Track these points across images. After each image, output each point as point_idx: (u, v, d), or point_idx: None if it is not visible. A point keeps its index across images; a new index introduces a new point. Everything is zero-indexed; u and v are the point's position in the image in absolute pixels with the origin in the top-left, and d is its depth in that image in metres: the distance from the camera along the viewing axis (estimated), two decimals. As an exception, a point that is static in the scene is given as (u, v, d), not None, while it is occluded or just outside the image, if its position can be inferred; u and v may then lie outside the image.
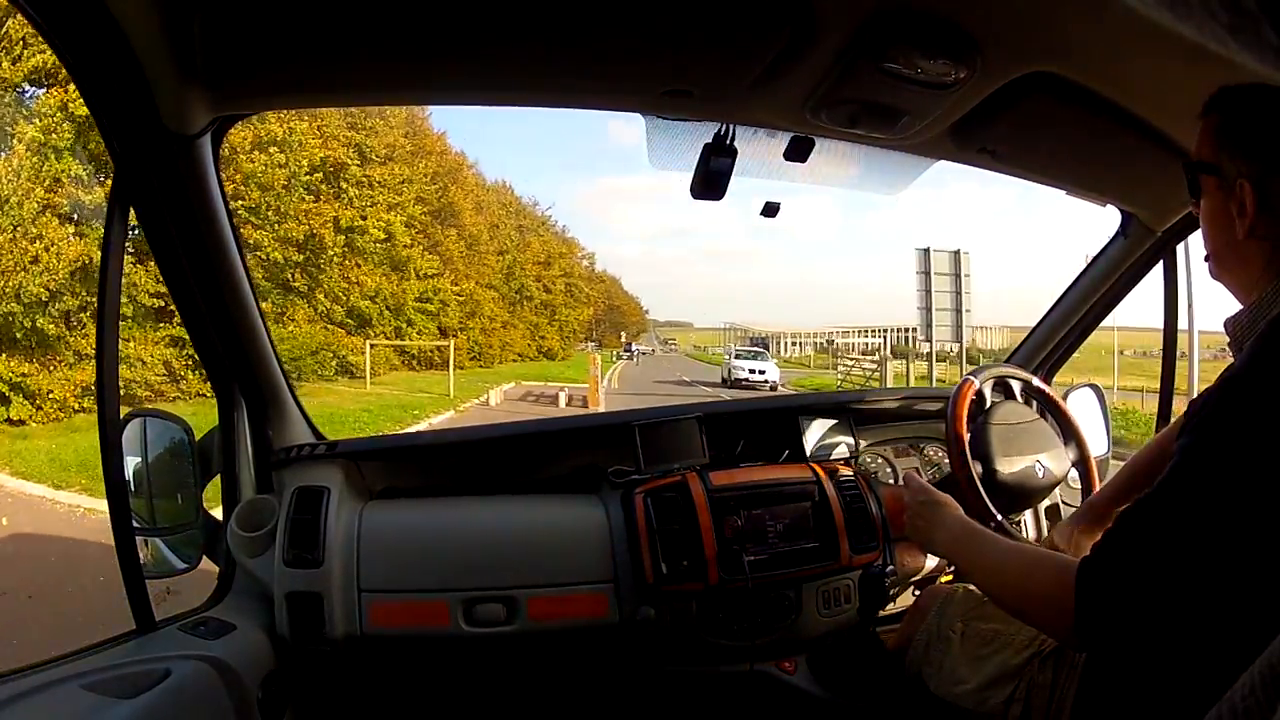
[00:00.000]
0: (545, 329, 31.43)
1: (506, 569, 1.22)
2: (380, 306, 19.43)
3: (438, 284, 21.74)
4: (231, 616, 1.12)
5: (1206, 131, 0.81)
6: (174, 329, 11.17)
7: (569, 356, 32.78)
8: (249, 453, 1.29)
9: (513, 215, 32.40)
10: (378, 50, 0.89)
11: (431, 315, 21.41)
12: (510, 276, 28.91)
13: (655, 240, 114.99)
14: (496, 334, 25.78)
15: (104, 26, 0.77)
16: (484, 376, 20.25)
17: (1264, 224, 0.76)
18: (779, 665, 1.30)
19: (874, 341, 51.00)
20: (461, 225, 24.86)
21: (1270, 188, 0.75)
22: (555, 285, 33.33)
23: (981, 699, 1.02)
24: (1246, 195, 0.76)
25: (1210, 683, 0.43)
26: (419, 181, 21.44)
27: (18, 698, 0.79)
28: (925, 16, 0.83)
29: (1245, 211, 0.76)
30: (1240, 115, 0.78)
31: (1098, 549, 0.76)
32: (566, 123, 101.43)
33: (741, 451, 1.46)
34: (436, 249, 22.40)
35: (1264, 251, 0.77)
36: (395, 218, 19.41)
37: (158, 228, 1.04)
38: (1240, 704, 0.28)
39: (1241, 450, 0.68)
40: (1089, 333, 1.66)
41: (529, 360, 28.07)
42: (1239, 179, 0.76)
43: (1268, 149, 0.76)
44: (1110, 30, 0.84)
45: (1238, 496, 0.68)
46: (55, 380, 10.27)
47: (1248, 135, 0.78)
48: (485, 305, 24.88)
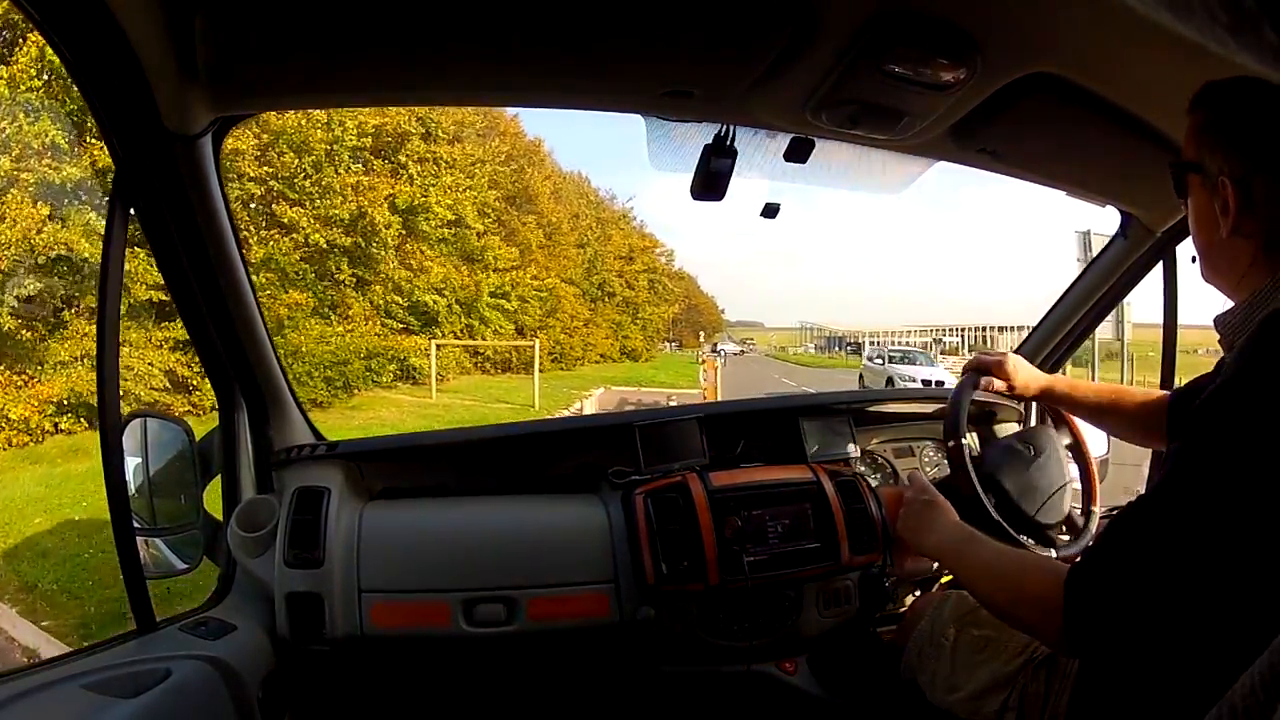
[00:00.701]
0: (629, 328, 28.80)
1: (507, 569, 1.22)
2: (449, 300, 17.09)
3: (516, 277, 19.47)
4: (232, 616, 1.12)
5: (1191, 129, 0.80)
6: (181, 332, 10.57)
7: (653, 358, 30.79)
8: (249, 453, 1.29)
9: (592, 207, 29.76)
10: (378, 50, 0.89)
11: (508, 313, 19.25)
12: (591, 271, 26.50)
13: (720, 241, 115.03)
14: (579, 333, 23.40)
15: (104, 26, 0.77)
16: (566, 380, 18.02)
17: (1248, 222, 0.75)
18: (779, 665, 1.30)
19: (952, 340, 50.80)
20: (540, 213, 22.65)
21: (1253, 184, 0.74)
22: (638, 281, 30.71)
23: (975, 707, 1.02)
24: (1229, 193, 0.75)
25: (1204, 691, 0.43)
26: (492, 163, 19.09)
27: (18, 698, 0.79)
28: (925, 17, 0.83)
29: (1228, 209, 0.75)
30: (1222, 111, 0.77)
31: (1089, 554, 0.76)
32: (622, 122, 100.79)
33: (741, 452, 1.46)
34: (513, 238, 20.33)
35: (1249, 249, 0.76)
36: (466, 201, 17.17)
37: (158, 228, 1.04)
38: (1240, 704, 0.28)
39: (1239, 454, 0.67)
40: (1089, 333, 1.66)
41: (612, 361, 25.65)
42: (1220, 176, 0.76)
43: (1248, 145, 0.75)
44: (1110, 30, 0.84)
45: (1234, 501, 0.67)
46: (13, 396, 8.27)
47: (1229, 132, 0.77)
48: (566, 302, 22.64)
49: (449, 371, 16.25)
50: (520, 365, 18.04)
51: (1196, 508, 0.69)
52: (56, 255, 8.63)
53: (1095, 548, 0.76)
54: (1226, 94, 0.77)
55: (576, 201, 27.78)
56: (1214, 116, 0.78)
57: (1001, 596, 0.87)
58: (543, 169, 23.97)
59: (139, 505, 1.14)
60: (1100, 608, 0.73)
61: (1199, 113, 0.79)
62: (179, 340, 9.89)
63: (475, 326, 18.04)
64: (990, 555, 0.91)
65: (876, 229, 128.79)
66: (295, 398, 1.35)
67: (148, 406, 8.69)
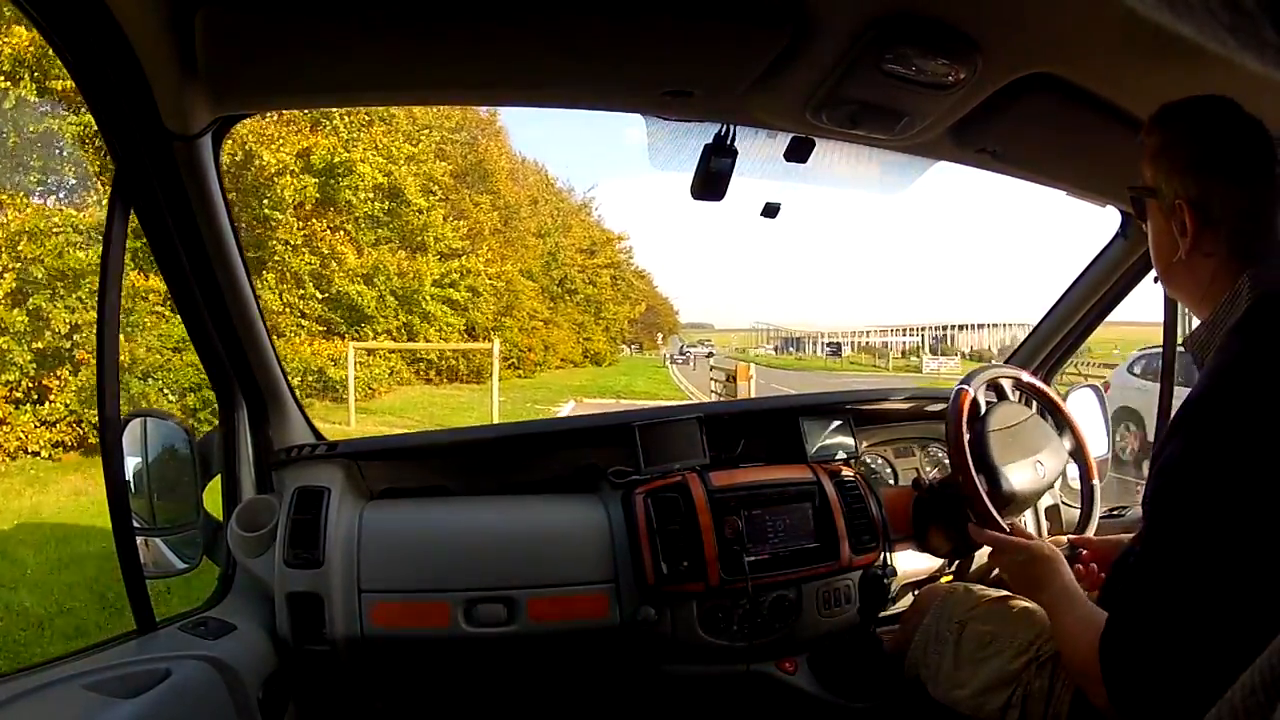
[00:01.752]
0: (591, 328, 25.33)
1: (507, 569, 1.22)
2: (379, 292, 13.15)
3: (466, 264, 15.45)
4: (232, 617, 1.12)
5: (1147, 153, 0.81)
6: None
7: (616, 361, 27.58)
8: (249, 453, 1.29)
9: (553, 195, 26.41)
10: (378, 50, 0.89)
11: (457, 307, 15.30)
12: (552, 264, 23.08)
13: (670, 242, 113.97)
14: (538, 333, 19.89)
15: (104, 26, 0.77)
16: (527, 391, 14.82)
17: (1208, 240, 0.76)
18: (779, 665, 1.30)
19: (912, 340, 50.60)
20: (496, 192, 19.24)
21: (1210, 203, 0.75)
22: (601, 277, 27.10)
23: (978, 704, 1.02)
24: (1186, 215, 0.76)
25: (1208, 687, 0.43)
26: (440, 129, 15.61)
27: (18, 698, 0.79)
28: (925, 17, 0.83)
29: (1186, 230, 0.77)
30: (1176, 134, 0.79)
31: (1109, 627, 0.76)
32: (571, 119, 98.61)
33: (741, 452, 1.45)
34: (464, 220, 16.66)
35: (1209, 266, 0.78)
36: (407, 172, 13.63)
37: (158, 228, 1.04)
38: (1240, 704, 0.28)
39: (1214, 492, 0.67)
40: (1089, 333, 1.66)
41: (574, 366, 22.28)
42: (1176, 200, 0.77)
43: (1204, 165, 0.76)
44: (1110, 30, 0.84)
45: (1221, 538, 0.67)
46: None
47: (1184, 154, 0.78)
48: (524, 298, 19.05)
49: (382, 384, 12.32)
50: (470, 373, 14.81)
51: (1191, 551, 0.69)
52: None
53: (1118, 610, 0.76)
54: (1180, 115, 0.79)
55: (536, 185, 24.34)
56: (1169, 139, 0.79)
57: (1067, 653, 0.86)
58: (499, 142, 20.72)
59: (139, 505, 1.13)
60: (1134, 670, 0.73)
61: (1154, 136, 0.80)
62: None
63: (416, 325, 14.11)
64: (1076, 611, 0.88)
65: (831, 227, 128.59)
66: (295, 398, 1.35)
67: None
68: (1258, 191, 0.76)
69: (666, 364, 28.83)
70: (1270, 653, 0.28)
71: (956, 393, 1.27)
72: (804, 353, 52.15)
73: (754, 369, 12.63)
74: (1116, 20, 0.80)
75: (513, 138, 21.79)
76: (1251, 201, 0.76)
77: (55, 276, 7.17)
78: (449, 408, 11.53)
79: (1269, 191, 0.77)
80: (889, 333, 54.82)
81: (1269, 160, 0.76)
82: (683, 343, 44.15)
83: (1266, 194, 0.77)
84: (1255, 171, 0.76)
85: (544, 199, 24.33)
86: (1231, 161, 0.76)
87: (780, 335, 61.89)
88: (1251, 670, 0.28)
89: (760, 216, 1.32)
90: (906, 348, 48.62)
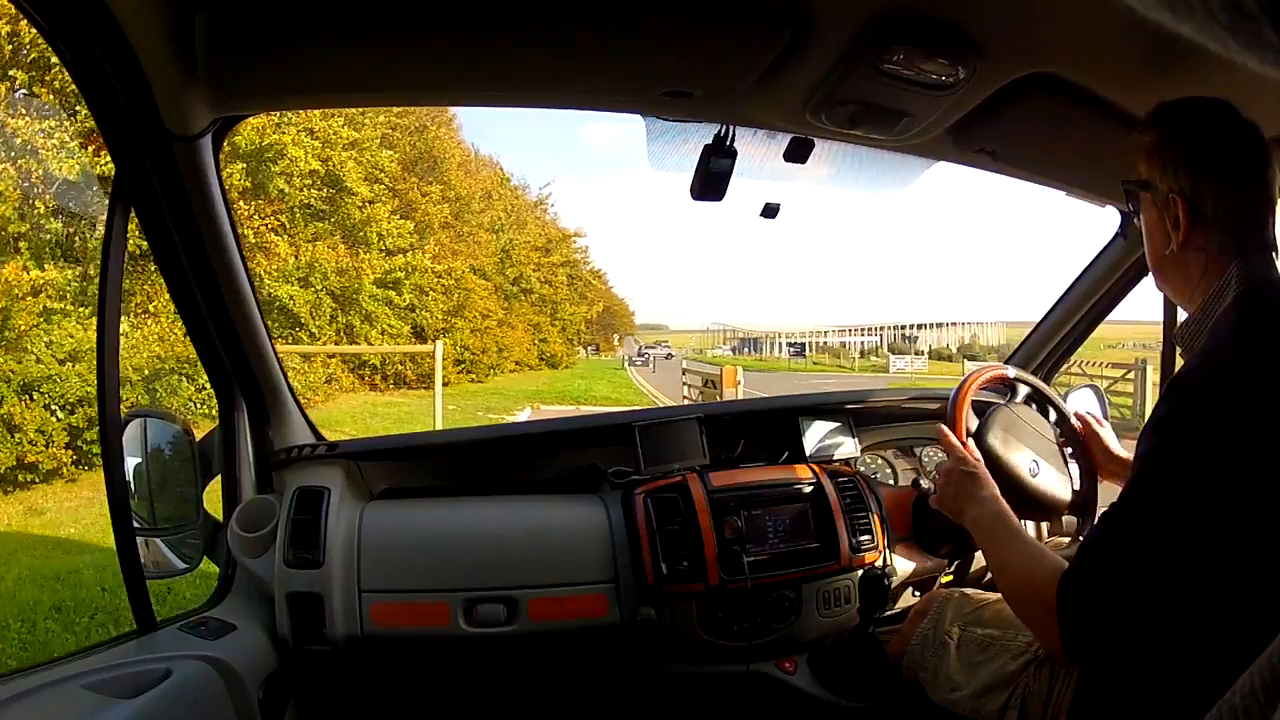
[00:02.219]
0: (547, 329, 24.30)
1: (507, 569, 1.22)
2: (316, 291, 11.79)
3: (412, 261, 14.21)
4: (232, 617, 1.12)
5: (1142, 148, 0.84)
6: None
7: (574, 364, 26.55)
8: (249, 453, 1.29)
9: (508, 190, 25.06)
10: (378, 50, 0.89)
11: (401, 309, 14.02)
12: (506, 262, 21.77)
13: (625, 242, 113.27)
14: (492, 335, 18.61)
15: (104, 26, 0.77)
16: (480, 397, 13.62)
17: (1199, 235, 0.79)
18: (779, 666, 1.30)
19: (871, 340, 50.55)
20: (447, 183, 17.89)
21: (1203, 199, 0.78)
22: (557, 276, 26.11)
23: (977, 705, 1.02)
24: (1179, 209, 0.79)
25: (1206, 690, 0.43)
26: (388, 114, 14.40)
27: (18, 698, 0.79)
28: (925, 17, 0.83)
29: (1179, 224, 0.80)
30: (1173, 131, 0.81)
31: (1077, 558, 0.78)
32: (526, 115, 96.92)
33: (741, 452, 1.45)
34: (412, 214, 15.40)
35: (1200, 261, 0.80)
36: (348, 159, 12.39)
37: (158, 228, 1.04)
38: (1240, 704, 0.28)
39: (1197, 452, 0.71)
40: (1089, 333, 1.66)
41: (529, 369, 21.34)
42: (1171, 194, 0.79)
43: (1199, 162, 0.79)
44: (1110, 30, 0.85)
45: (1199, 497, 0.70)
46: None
47: (1180, 150, 0.80)
48: (476, 296, 17.71)
49: (319, 391, 11.02)
50: (419, 379, 13.37)
51: (1168, 508, 0.72)
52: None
53: (1082, 550, 0.78)
54: (1177, 115, 0.81)
55: (490, 179, 22.84)
56: (1165, 136, 0.82)
57: (1015, 590, 0.88)
58: (450, 130, 19.39)
59: (139, 505, 1.14)
60: (1092, 612, 0.75)
61: (1151, 133, 0.83)
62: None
63: (357, 327, 12.95)
64: (1016, 546, 0.91)
65: (787, 228, 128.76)
66: (295, 398, 1.35)
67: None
68: (1247, 191, 0.79)
69: (625, 366, 27.41)
70: (1270, 653, 0.28)
71: (956, 393, 1.27)
72: (763, 353, 51.48)
73: (742, 373, 10.89)
74: (1116, 20, 0.80)
75: (465, 130, 20.39)
76: (1241, 201, 0.79)
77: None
78: (391, 418, 10.29)
79: (1259, 191, 0.80)
80: (848, 333, 54.83)
81: (1261, 163, 0.79)
82: (640, 344, 42.53)
83: (1256, 194, 0.80)
84: (1247, 172, 0.79)
85: (498, 193, 23.04)
86: (1224, 161, 0.79)
87: (737, 336, 61.03)
88: (1251, 670, 0.28)
89: (760, 217, 1.32)
90: (865, 347, 48.60)
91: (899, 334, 51.46)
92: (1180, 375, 0.76)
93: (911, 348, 45.97)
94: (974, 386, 1.29)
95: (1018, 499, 1.26)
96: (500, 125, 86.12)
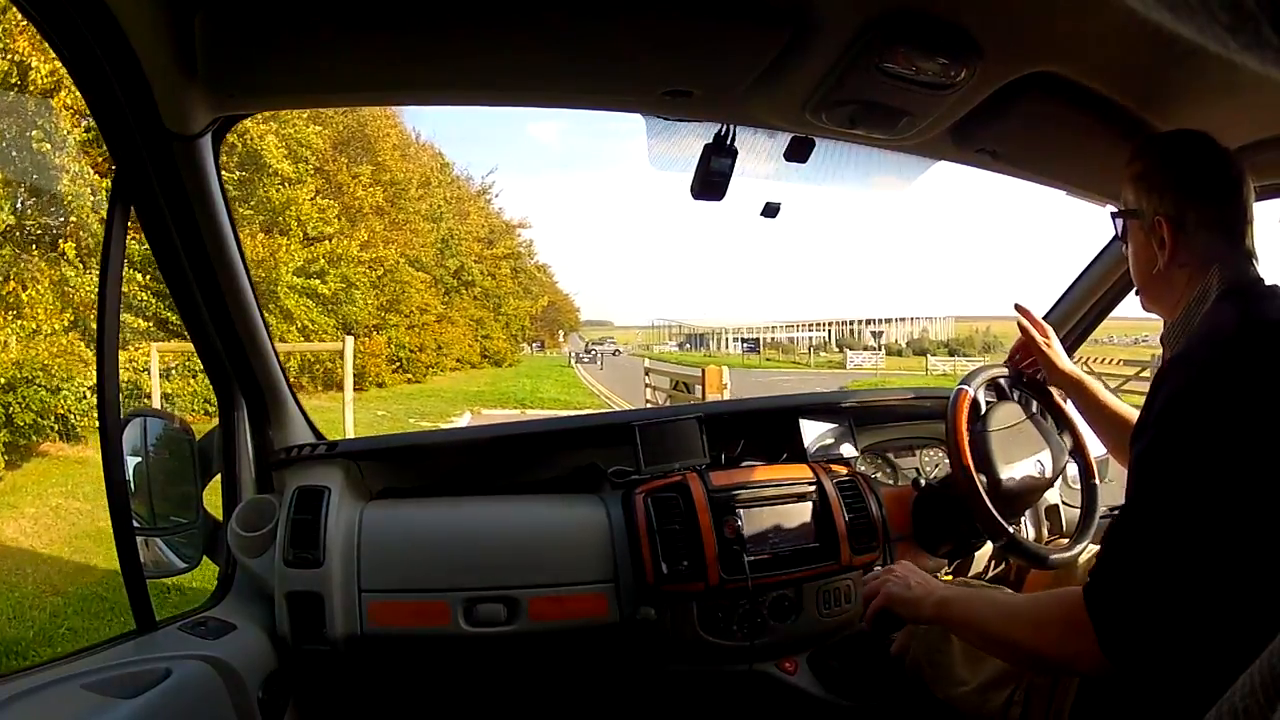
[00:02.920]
0: (490, 325, 22.62)
1: (507, 569, 1.22)
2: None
3: (338, 249, 12.30)
4: (232, 616, 1.12)
5: (1128, 178, 0.91)
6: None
7: (518, 361, 25.09)
8: (249, 453, 1.29)
9: (448, 179, 23.06)
10: (378, 50, 0.89)
11: (325, 302, 12.15)
12: (446, 253, 20.18)
13: (569, 243, 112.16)
14: (430, 331, 17.05)
15: (104, 26, 0.77)
16: (415, 399, 12.49)
17: (1184, 252, 0.86)
18: (779, 665, 1.30)
19: (819, 335, 50.30)
20: (381, 165, 16.17)
21: (1186, 218, 0.86)
22: (500, 269, 24.49)
23: (981, 701, 1.02)
24: (1165, 229, 0.86)
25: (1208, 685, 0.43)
26: None
27: (18, 698, 0.79)
28: (925, 17, 0.83)
29: (1165, 244, 0.87)
30: (1158, 160, 0.89)
31: (1094, 572, 0.78)
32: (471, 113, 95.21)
33: (741, 452, 1.46)
34: (340, 196, 13.66)
35: (1184, 275, 0.88)
36: (267, 130, 10.92)
37: (158, 228, 1.04)
38: (1240, 704, 0.28)
39: (1187, 446, 0.74)
40: (1090, 332, 1.66)
41: (471, 368, 19.85)
42: (1156, 216, 0.87)
43: (1182, 185, 0.87)
44: (1110, 30, 0.85)
45: (1196, 490, 0.73)
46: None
47: (1165, 177, 0.88)
48: (413, 290, 16.22)
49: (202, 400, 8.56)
50: (353, 379, 10.89)
51: (1171, 502, 0.74)
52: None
53: (1102, 557, 0.79)
54: (1161, 146, 0.90)
55: (430, 166, 21.16)
56: (1151, 165, 0.89)
57: (1023, 631, 0.86)
58: (387, 111, 17.56)
59: (138, 505, 1.14)
60: (1128, 612, 0.74)
61: (1137, 163, 0.90)
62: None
63: (274, 324, 10.55)
64: (1001, 598, 0.94)
65: (730, 223, 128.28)
66: (295, 398, 1.35)
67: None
68: (1225, 210, 0.87)
69: (572, 364, 25.95)
70: (1270, 653, 0.28)
71: (956, 393, 1.27)
72: (711, 349, 50.54)
73: (728, 373, 9.33)
74: (1116, 20, 0.80)
75: (405, 114, 18.54)
76: (1220, 215, 0.87)
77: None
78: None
79: (1236, 207, 0.87)
80: (796, 328, 54.18)
81: (1237, 184, 0.87)
82: (585, 340, 40.87)
83: (1234, 210, 0.87)
84: (1224, 192, 0.87)
85: (438, 180, 21.20)
86: (1204, 183, 0.86)
87: (683, 332, 59.83)
88: (1251, 670, 0.28)
89: (760, 216, 1.32)
90: (814, 343, 48.38)
91: (847, 329, 51.26)
92: (1163, 370, 0.80)
93: (861, 343, 45.75)
94: (968, 395, 1.29)
95: (1022, 499, 1.27)
96: (442, 113, 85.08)
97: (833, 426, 1.50)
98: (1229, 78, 0.80)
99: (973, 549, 1.37)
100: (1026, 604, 0.91)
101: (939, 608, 0.95)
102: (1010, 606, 0.92)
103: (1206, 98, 0.97)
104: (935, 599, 0.96)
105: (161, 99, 0.88)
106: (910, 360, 37.59)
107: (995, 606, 0.92)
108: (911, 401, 1.65)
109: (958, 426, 1.20)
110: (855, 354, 35.81)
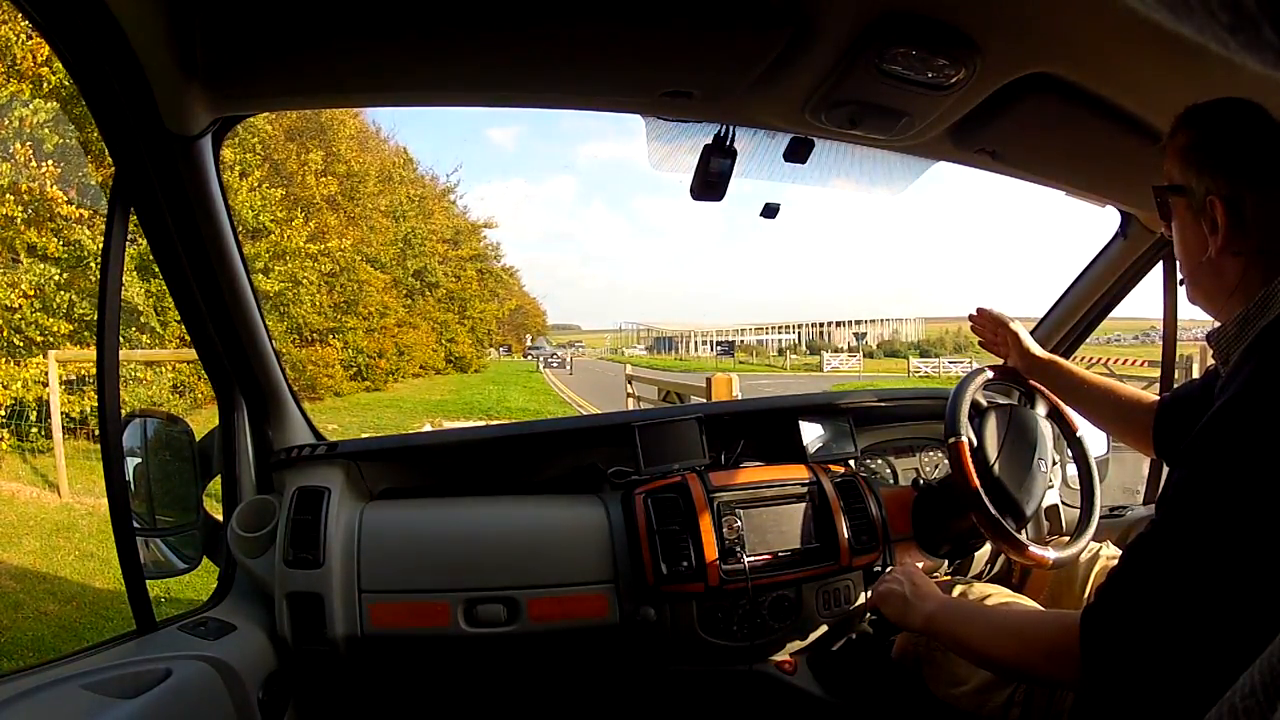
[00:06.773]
0: (455, 328, 21.49)
1: (507, 569, 1.22)
2: (140, 285, 7.55)
3: (283, 242, 11.03)
4: (232, 617, 1.12)
5: (1174, 152, 0.80)
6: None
7: (484, 366, 23.81)
8: (249, 453, 1.29)
9: (411, 174, 21.70)
10: (378, 50, 0.89)
11: (273, 304, 11.18)
12: (409, 252, 19.09)
13: (534, 248, 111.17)
14: (390, 335, 15.93)
15: (104, 26, 0.77)
16: (371, 411, 11.35)
17: (1238, 239, 0.75)
18: (779, 665, 1.30)
19: (788, 338, 50.14)
20: (337, 153, 14.66)
21: (1242, 202, 0.74)
22: (466, 271, 23.15)
23: (980, 701, 1.02)
24: (1218, 212, 0.75)
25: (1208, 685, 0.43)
26: None
27: (18, 698, 0.79)
28: (925, 17, 0.83)
29: (1217, 228, 0.75)
30: (1208, 133, 0.78)
31: (1100, 594, 0.76)
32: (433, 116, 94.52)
33: (741, 452, 1.46)
34: (288, 185, 12.33)
35: (1238, 266, 0.76)
36: None
37: (158, 228, 1.04)
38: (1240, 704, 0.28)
39: (1246, 478, 0.66)
40: (1089, 333, 1.66)
41: (435, 374, 18.83)
42: (1209, 196, 0.76)
43: (1237, 164, 0.75)
44: (1110, 30, 0.84)
45: (1244, 527, 0.66)
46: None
47: (1216, 152, 0.77)
48: (371, 290, 15.03)
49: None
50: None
51: (1208, 540, 0.67)
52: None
53: (1109, 588, 0.75)
54: (1211, 115, 0.78)
55: (391, 161, 19.85)
56: (1200, 138, 0.78)
57: (1009, 648, 0.86)
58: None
59: (138, 505, 1.14)
60: (1117, 648, 0.73)
61: (1183, 135, 0.79)
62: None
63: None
64: (993, 612, 0.93)
65: (697, 226, 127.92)
66: (295, 398, 1.35)
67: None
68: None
69: (540, 369, 24.72)
70: (1270, 653, 0.28)
71: (956, 393, 1.27)
72: (681, 353, 49.79)
73: (737, 381, 8.98)
74: (1116, 20, 0.80)
75: (366, 113, 16.97)
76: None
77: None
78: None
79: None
80: (765, 330, 53.65)
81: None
82: (550, 345, 38.66)
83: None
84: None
85: (400, 175, 20.06)
86: (1262, 162, 0.75)
87: (652, 335, 58.67)
88: (1251, 670, 0.28)
89: (760, 217, 1.32)
90: (784, 345, 48.13)
91: (817, 331, 51.08)
92: (1231, 397, 0.70)
93: (832, 345, 45.51)
94: (974, 387, 1.29)
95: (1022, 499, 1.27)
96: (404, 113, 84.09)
97: (832, 427, 1.50)
98: (1230, 78, 0.80)
99: (972, 549, 1.37)
100: (1014, 623, 0.88)
101: (927, 622, 0.98)
102: (997, 625, 0.90)
103: (1206, 97, 0.97)
104: (925, 613, 0.98)
105: (162, 99, 0.88)
106: (886, 362, 36.94)
107: (980, 625, 0.91)
108: (911, 402, 1.65)
109: (957, 424, 1.20)
110: (832, 356, 35.39)
